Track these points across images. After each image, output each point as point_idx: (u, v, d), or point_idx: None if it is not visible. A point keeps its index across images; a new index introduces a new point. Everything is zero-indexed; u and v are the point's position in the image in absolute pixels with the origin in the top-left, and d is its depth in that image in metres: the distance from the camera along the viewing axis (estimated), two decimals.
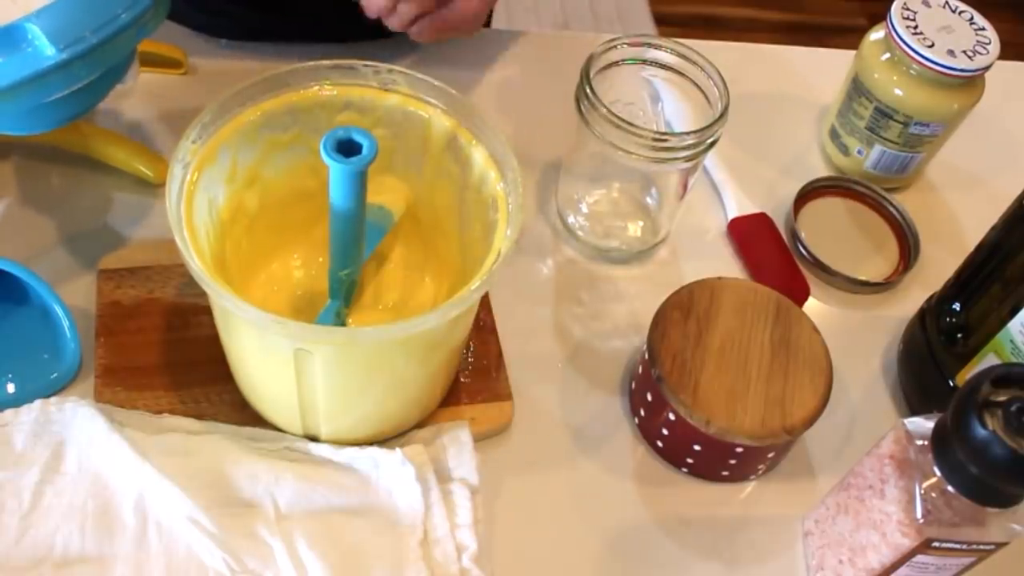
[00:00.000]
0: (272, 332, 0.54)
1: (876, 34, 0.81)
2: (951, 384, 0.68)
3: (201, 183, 0.58)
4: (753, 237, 0.80)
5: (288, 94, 0.62)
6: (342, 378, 0.59)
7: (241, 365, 0.63)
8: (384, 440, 0.64)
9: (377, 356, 0.58)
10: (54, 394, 0.64)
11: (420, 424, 0.66)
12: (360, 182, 0.57)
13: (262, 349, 0.58)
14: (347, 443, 0.63)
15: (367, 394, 0.61)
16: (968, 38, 0.78)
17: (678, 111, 0.75)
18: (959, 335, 0.68)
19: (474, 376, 0.68)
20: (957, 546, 0.54)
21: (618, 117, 0.68)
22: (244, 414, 0.65)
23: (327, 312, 0.64)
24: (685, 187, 0.75)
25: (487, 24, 0.99)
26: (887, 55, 0.79)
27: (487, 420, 0.67)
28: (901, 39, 0.77)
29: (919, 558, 0.56)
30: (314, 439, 0.64)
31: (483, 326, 0.70)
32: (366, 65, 0.63)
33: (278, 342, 0.56)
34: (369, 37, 0.86)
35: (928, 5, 0.79)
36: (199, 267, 0.53)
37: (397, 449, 0.62)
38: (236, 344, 0.61)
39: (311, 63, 0.62)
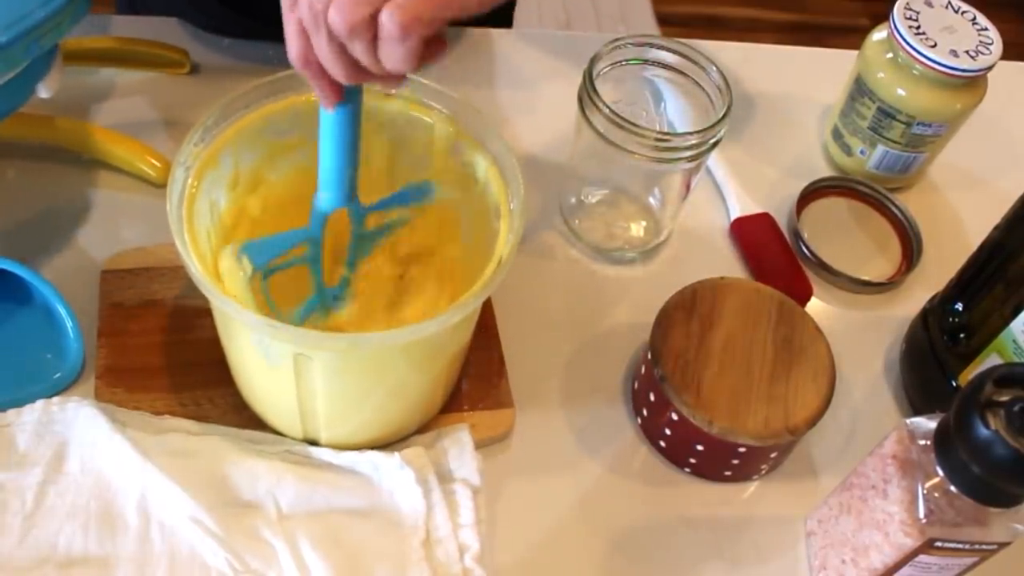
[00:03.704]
0: (271, 337, 0.54)
1: (879, 34, 0.81)
2: (953, 384, 0.68)
3: (203, 186, 0.58)
4: (756, 237, 0.80)
5: (291, 98, 0.62)
6: (342, 384, 0.59)
7: (241, 369, 0.63)
8: (385, 445, 0.64)
9: (378, 362, 0.58)
10: (56, 394, 0.64)
11: (421, 430, 0.66)
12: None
13: (262, 353, 0.58)
14: (347, 448, 0.63)
15: (367, 400, 0.61)
16: (971, 38, 0.78)
17: (681, 111, 0.75)
18: (961, 335, 0.68)
19: (476, 383, 0.68)
20: (960, 546, 0.54)
21: (621, 117, 0.68)
22: (244, 417, 0.65)
23: (309, 304, 0.63)
24: (688, 187, 0.75)
25: (506, 24, 0.99)
26: (890, 55, 0.79)
27: (488, 428, 0.67)
28: (904, 39, 0.77)
29: (922, 558, 0.56)
30: (314, 444, 0.64)
31: (485, 331, 0.70)
32: None
33: (277, 347, 0.56)
34: None
35: (931, 5, 0.79)
36: (199, 270, 0.54)
37: (395, 453, 0.62)
38: (236, 348, 0.61)
39: None
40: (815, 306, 0.78)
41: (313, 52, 0.50)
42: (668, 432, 0.66)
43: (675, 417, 0.64)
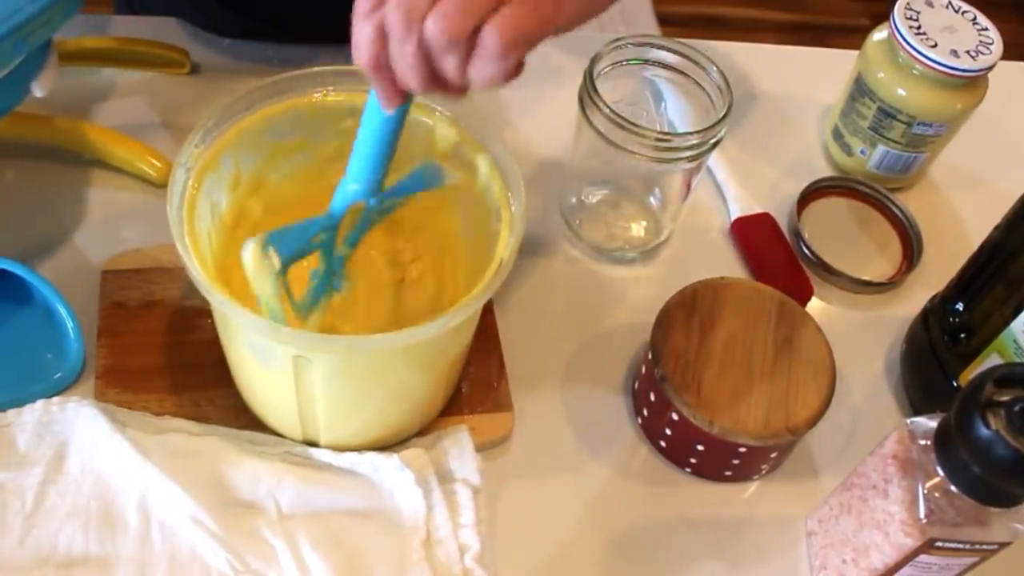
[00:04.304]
0: (270, 339, 0.54)
1: (879, 34, 0.81)
2: (954, 384, 0.68)
3: (204, 188, 0.58)
4: (756, 237, 0.80)
5: (292, 99, 0.62)
6: (342, 386, 0.59)
7: (241, 370, 0.62)
8: (385, 448, 0.64)
9: (377, 365, 0.58)
10: (57, 394, 0.64)
11: (421, 433, 0.66)
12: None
13: (261, 355, 0.58)
14: (347, 451, 0.63)
15: (367, 403, 0.61)
16: (971, 38, 0.77)
17: (681, 111, 0.75)
18: (962, 335, 0.68)
19: (475, 386, 0.68)
20: (960, 546, 0.54)
21: (621, 117, 0.68)
22: (245, 418, 0.65)
23: (317, 290, 0.62)
24: (688, 187, 0.75)
25: None
26: (890, 55, 0.79)
27: (487, 431, 0.66)
28: (904, 39, 0.77)
29: (922, 558, 0.56)
30: (314, 446, 0.64)
31: (485, 333, 0.70)
32: None
33: (277, 349, 0.56)
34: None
35: (931, 5, 0.79)
36: (199, 272, 0.53)
37: (395, 455, 0.62)
38: (236, 349, 0.61)
39: (316, 68, 0.62)
40: (815, 306, 0.78)
41: (388, 56, 0.48)
42: (669, 432, 0.66)
43: (675, 417, 0.64)
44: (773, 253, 0.80)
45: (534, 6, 0.45)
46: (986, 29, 0.79)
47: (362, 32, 0.48)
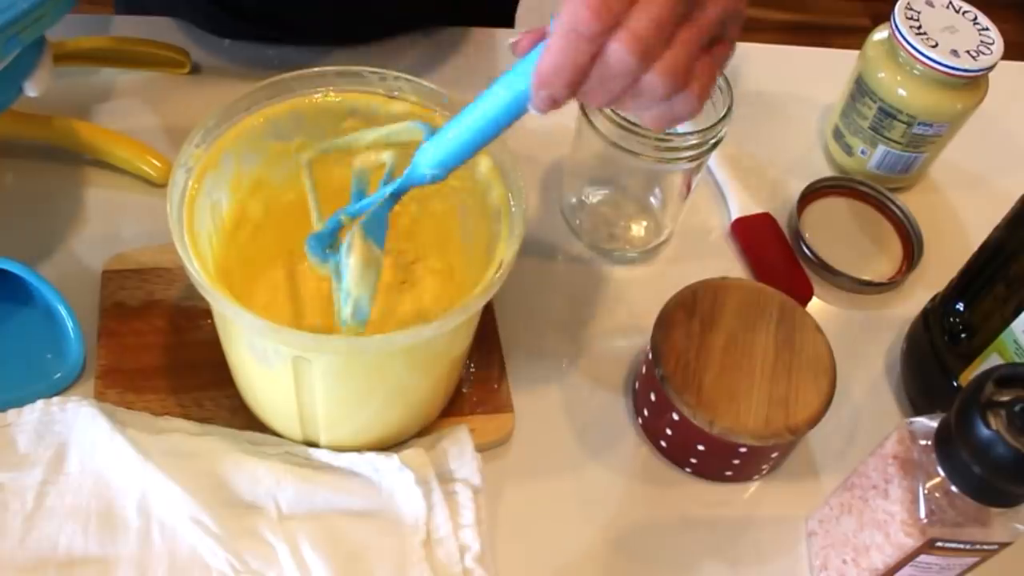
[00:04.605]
0: (269, 339, 0.54)
1: (880, 34, 0.81)
2: (955, 384, 0.68)
3: (204, 188, 0.58)
4: (756, 237, 0.80)
5: (293, 99, 0.62)
6: (341, 387, 0.59)
7: (241, 371, 0.62)
8: (385, 449, 0.64)
9: (377, 365, 0.58)
10: (57, 394, 0.64)
11: (421, 434, 0.66)
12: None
13: (260, 356, 0.58)
14: (347, 451, 0.63)
15: (367, 403, 0.61)
16: (972, 38, 0.77)
17: None
18: (963, 335, 0.68)
19: (476, 387, 0.68)
20: (961, 546, 0.54)
21: (621, 117, 0.68)
22: (245, 418, 0.65)
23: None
24: (689, 187, 0.75)
25: (508, 24, 0.99)
26: (891, 55, 0.79)
27: (488, 432, 0.66)
28: (905, 39, 0.77)
29: (923, 558, 0.56)
30: (314, 446, 0.64)
31: (486, 334, 0.70)
32: (372, 72, 0.62)
33: (276, 349, 0.56)
34: (364, 40, 0.86)
35: (932, 5, 0.79)
36: (198, 272, 0.53)
37: (394, 455, 0.62)
38: (235, 350, 0.60)
39: (316, 69, 0.62)
40: (816, 306, 0.78)
41: (585, 77, 0.46)
42: (669, 432, 0.66)
43: (676, 417, 0.64)
44: (773, 253, 0.80)
45: (714, 64, 0.49)
46: (987, 29, 0.79)
47: (573, 51, 0.45)
